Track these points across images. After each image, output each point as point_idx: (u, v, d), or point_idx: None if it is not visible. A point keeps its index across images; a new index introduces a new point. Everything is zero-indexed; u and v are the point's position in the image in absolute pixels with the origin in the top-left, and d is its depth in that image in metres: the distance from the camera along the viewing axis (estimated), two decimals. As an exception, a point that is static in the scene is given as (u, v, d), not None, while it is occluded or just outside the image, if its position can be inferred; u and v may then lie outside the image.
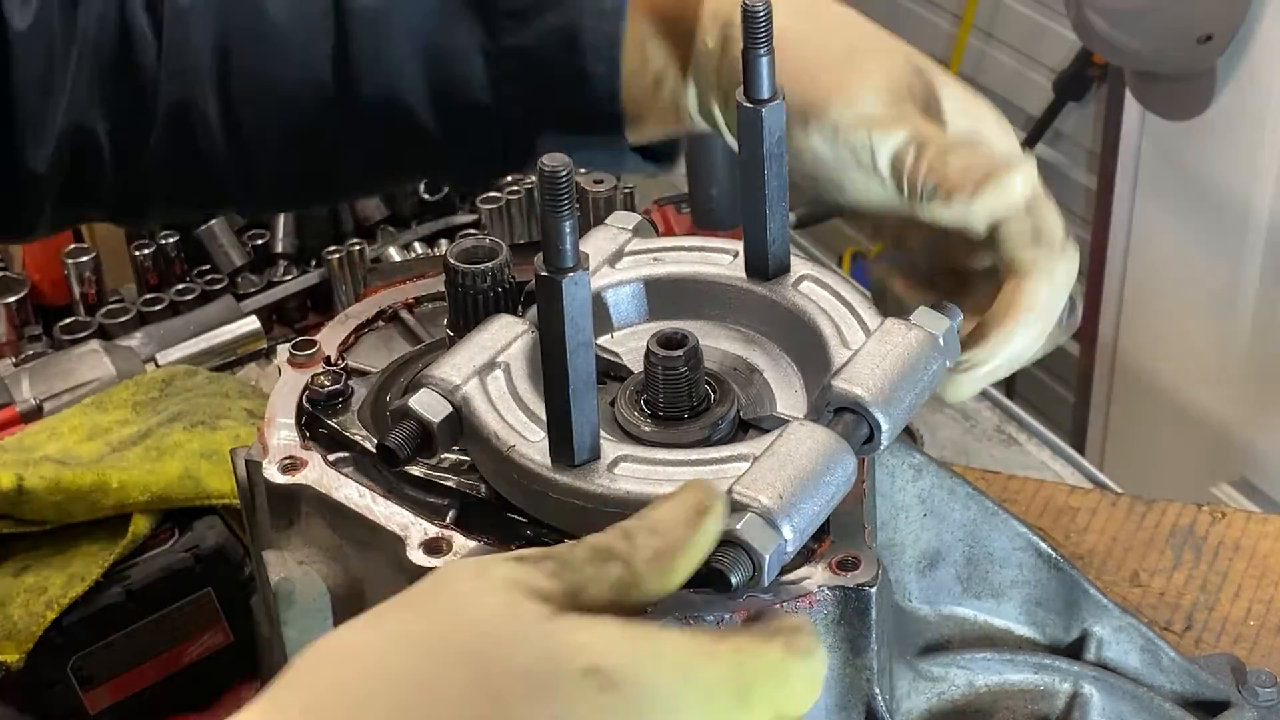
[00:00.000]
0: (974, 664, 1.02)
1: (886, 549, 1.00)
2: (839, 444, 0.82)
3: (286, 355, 1.02)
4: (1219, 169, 2.62)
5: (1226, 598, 1.30)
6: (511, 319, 0.92)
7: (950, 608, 1.05)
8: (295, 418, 0.97)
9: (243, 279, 1.77)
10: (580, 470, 0.85)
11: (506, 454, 0.86)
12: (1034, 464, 1.59)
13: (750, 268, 0.97)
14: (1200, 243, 2.69)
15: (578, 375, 0.83)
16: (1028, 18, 3.04)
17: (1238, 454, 2.72)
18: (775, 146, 0.92)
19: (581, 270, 0.80)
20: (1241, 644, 1.26)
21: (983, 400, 1.68)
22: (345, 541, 0.92)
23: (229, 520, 1.27)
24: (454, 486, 0.92)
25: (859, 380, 0.85)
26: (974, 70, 3.19)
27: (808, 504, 0.80)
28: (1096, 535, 1.36)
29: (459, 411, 0.87)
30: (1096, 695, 1.04)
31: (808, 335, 0.93)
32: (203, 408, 1.33)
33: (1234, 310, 2.65)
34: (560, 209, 0.77)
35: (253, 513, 0.99)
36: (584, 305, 0.81)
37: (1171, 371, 2.82)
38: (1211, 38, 2.48)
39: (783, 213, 0.95)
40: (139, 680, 1.26)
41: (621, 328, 0.98)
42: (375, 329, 1.06)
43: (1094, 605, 1.07)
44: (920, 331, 0.89)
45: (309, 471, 0.93)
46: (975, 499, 1.03)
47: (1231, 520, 1.37)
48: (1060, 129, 3.04)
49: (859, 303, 0.94)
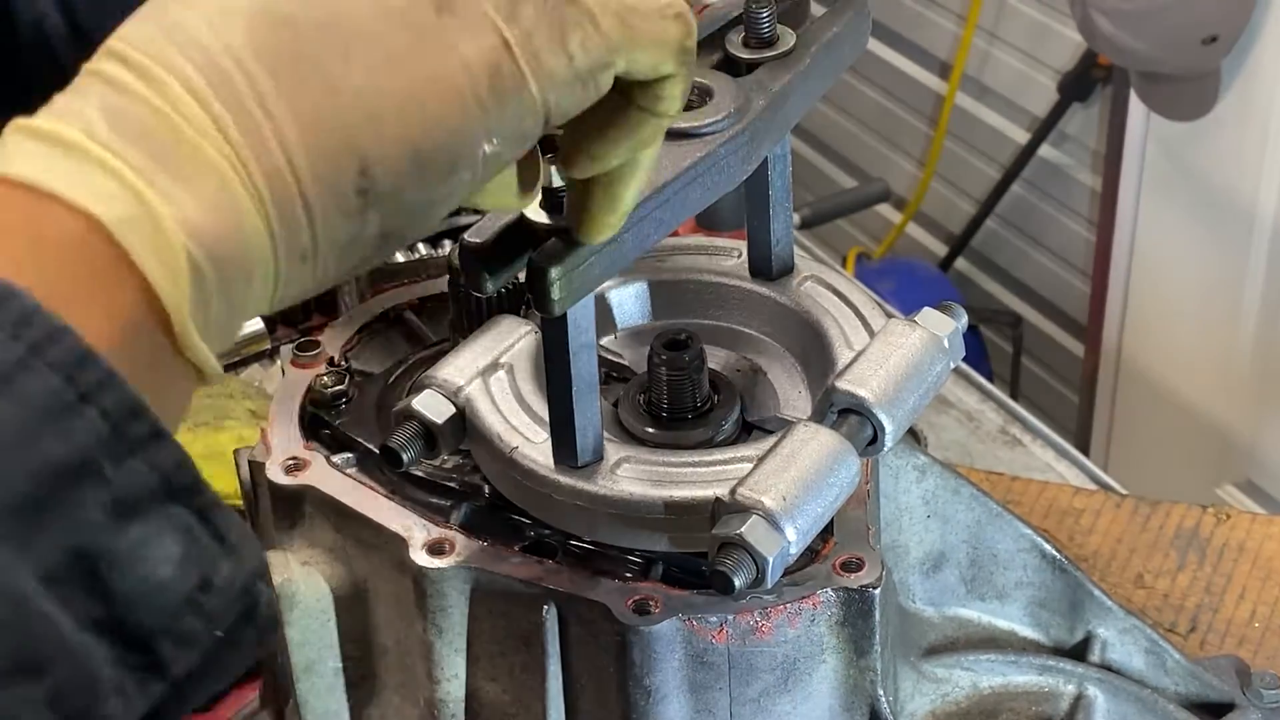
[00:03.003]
0: (978, 666, 1.01)
1: (890, 550, 1.00)
2: (843, 445, 0.82)
3: (290, 356, 1.02)
4: (1224, 170, 2.62)
5: (1231, 599, 1.30)
6: (515, 320, 0.92)
7: (954, 609, 1.05)
8: (299, 419, 0.97)
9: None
10: (583, 472, 0.85)
11: (509, 455, 0.86)
12: (1038, 465, 1.59)
13: (754, 268, 0.97)
14: (1205, 244, 2.69)
15: (580, 377, 0.82)
16: (1032, 18, 3.04)
17: (1242, 455, 2.72)
18: (780, 147, 0.92)
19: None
20: (1246, 646, 1.26)
21: (987, 401, 1.68)
22: (348, 542, 0.92)
23: (232, 521, 1.27)
24: (457, 487, 0.92)
25: (863, 381, 0.85)
26: (979, 71, 3.19)
27: (811, 505, 0.80)
28: (1101, 537, 1.36)
29: (462, 412, 0.87)
30: (1101, 697, 1.04)
31: (811, 336, 0.93)
32: (206, 408, 1.33)
33: (1239, 311, 2.65)
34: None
35: (256, 514, 0.99)
36: (587, 306, 0.81)
37: (1176, 373, 2.82)
38: (1216, 39, 2.48)
39: (786, 213, 0.95)
40: (142, 681, 1.26)
41: (625, 328, 0.98)
42: (379, 330, 1.06)
43: (1098, 607, 1.07)
44: (924, 332, 0.89)
45: (312, 472, 0.93)
46: (979, 500, 1.03)
47: (1236, 522, 1.37)
48: (1065, 130, 3.05)
49: (863, 303, 0.94)
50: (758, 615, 0.84)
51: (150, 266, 0.57)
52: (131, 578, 0.54)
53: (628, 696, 0.85)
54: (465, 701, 0.91)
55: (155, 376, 0.59)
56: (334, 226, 0.63)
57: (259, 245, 0.61)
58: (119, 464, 0.54)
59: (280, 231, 0.61)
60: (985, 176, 3.23)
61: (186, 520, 0.56)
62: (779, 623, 0.85)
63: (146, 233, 0.58)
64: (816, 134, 3.62)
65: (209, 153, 0.60)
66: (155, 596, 0.54)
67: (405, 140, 0.63)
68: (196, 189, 0.59)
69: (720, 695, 0.86)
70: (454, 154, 0.65)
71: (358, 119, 0.62)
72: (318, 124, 0.61)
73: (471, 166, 0.66)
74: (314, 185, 0.61)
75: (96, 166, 0.58)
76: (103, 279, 0.57)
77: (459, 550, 0.88)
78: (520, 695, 0.89)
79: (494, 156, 0.66)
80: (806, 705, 0.88)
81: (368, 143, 0.62)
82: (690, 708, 0.86)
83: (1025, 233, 3.23)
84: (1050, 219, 3.14)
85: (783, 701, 0.87)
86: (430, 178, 0.64)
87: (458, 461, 0.93)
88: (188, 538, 0.55)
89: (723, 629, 0.84)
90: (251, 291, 0.62)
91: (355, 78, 0.62)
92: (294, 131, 0.61)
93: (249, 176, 0.60)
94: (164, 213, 0.58)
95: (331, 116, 0.61)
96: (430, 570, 0.87)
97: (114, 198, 0.57)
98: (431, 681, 0.91)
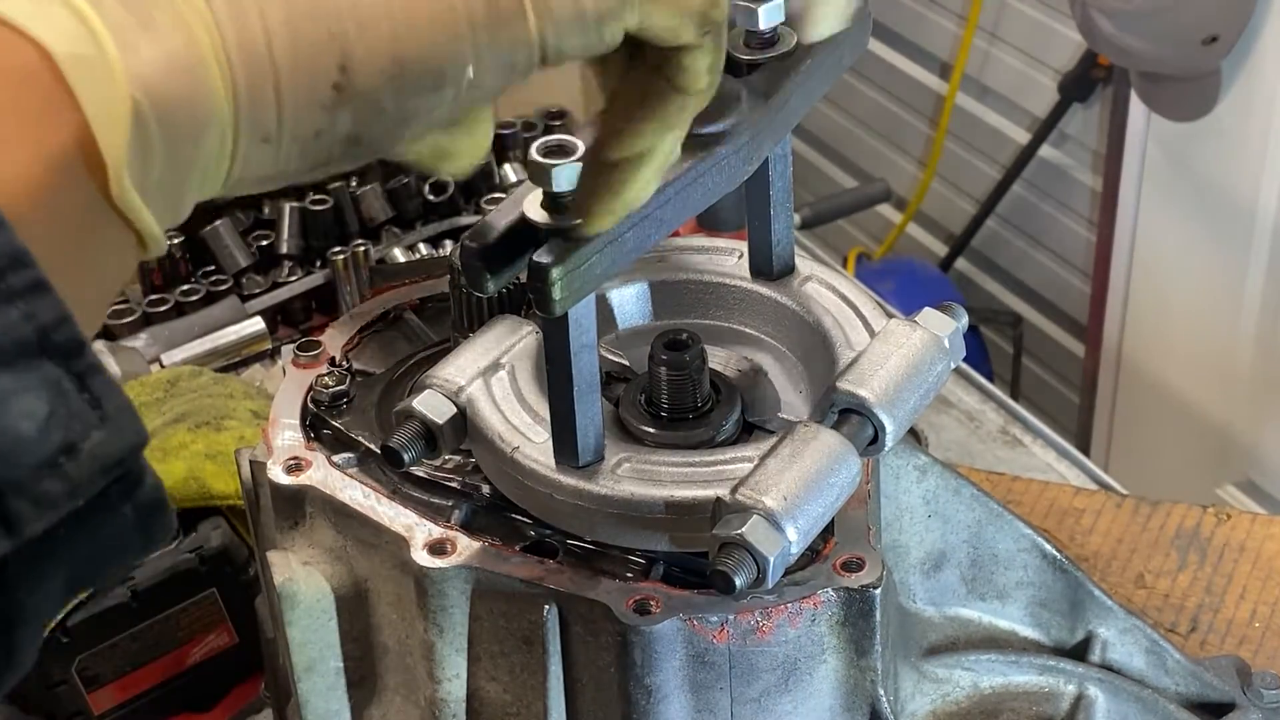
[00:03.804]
0: (979, 665, 1.01)
1: (891, 550, 1.00)
2: (844, 445, 0.82)
3: (291, 356, 1.02)
4: (1224, 170, 2.62)
5: (1231, 599, 1.30)
6: (516, 320, 0.92)
7: (955, 609, 1.05)
8: (300, 419, 0.97)
9: (247, 280, 1.77)
10: (584, 472, 0.85)
11: (510, 455, 0.86)
12: (1039, 465, 1.59)
13: (754, 268, 0.97)
14: (1205, 244, 2.69)
15: (581, 377, 0.83)
16: (1033, 19, 3.04)
17: (1243, 455, 2.72)
18: (780, 147, 0.92)
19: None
20: (1246, 646, 1.26)
21: (987, 401, 1.68)
22: (349, 542, 0.92)
23: (233, 521, 1.27)
24: (458, 487, 0.93)
25: (864, 382, 0.85)
26: (979, 71, 3.19)
27: (812, 505, 0.80)
28: (1101, 537, 1.36)
29: (463, 412, 0.87)
30: (1101, 697, 1.04)
31: (812, 336, 0.93)
32: (208, 409, 1.33)
33: (1239, 312, 2.65)
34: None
35: (257, 514, 0.99)
36: (588, 306, 0.81)
37: (1177, 373, 2.81)
38: (1217, 39, 2.47)
39: (787, 213, 0.95)
40: (144, 681, 1.26)
41: (626, 329, 0.98)
42: (380, 330, 1.06)
43: (1099, 607, 1.07)
44: (925, 333, 0.89)
45: (314, 472, 0.93)
46: (980, 500, 1.03)
47: (1237, 522, 1.37)
48: (1065, 130, 3.04)
49: (864, 304, 0.94)
50: (758, 615, 0.84)
51: (91, 108, 0.57)
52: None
53: (628, 696, 0.85)
54: (466, 701, 0.91)
55: (85, 226, 0.58)
56: (302, 116, 0.62)
57: (215, 111, 0.60)
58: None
59: (246, 107, 0.61)
60: (986, 176, 3.23)
61: (58, 379, 0.53)
62: (780, 623, 0.85)
63: (95, 74, 0.57)
64: (817, 134, 3.62)
65: (184, 8, 0.59)
66: (12, 451, 0.52)
67: (390, 46, 0.62)
68: (159, 42, 0.58)
69: (721, 695, 0.86)
70: (438, 70, 0.64)
71: (346, 14, 0.61)
72: (306, 9, 0.61)
73: (454, 86, 0.65)
74: (289, 69, 0.61)
75: (62, 3, 0.57)
76: (42, 114, 0.56)
77: (460, 550, 0.88)
78: (521, 695, 0.89)
79: (478, 83, 0.65)
80: (807, 705, 0.88)
81: (353, 40, 0.62)
82: (691, 707, 0.86)
83: (1026, 233, 3.23)
84: (1050, 219, 3.14)
85: (783, 701, 0.87)
86: (409, 88, 0.64)
87: (458, 461, 0.93)
88: (56, 397, 0.53)
89: (723, 629, 0.84)
90: (200, 155, 0.61)
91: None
92: (280, 12, 0.60)
93: (223, 44, 0.60)
94: (116, 57, 0.57)
95: (322, 7, 0.61)
96: (431, 570, 0.87)
97: (71, 35, 0.57)
98: (432, 681, 0.91)
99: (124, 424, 0.55)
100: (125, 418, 0.55)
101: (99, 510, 0.55)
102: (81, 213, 0.58)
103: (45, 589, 0.55)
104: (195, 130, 0.60)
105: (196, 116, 0.60)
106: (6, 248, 0.53)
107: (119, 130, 0.57)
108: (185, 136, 0.60)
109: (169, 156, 0.60)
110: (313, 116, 0.62)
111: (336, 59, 0.62)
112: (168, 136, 0.59)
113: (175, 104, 0.59)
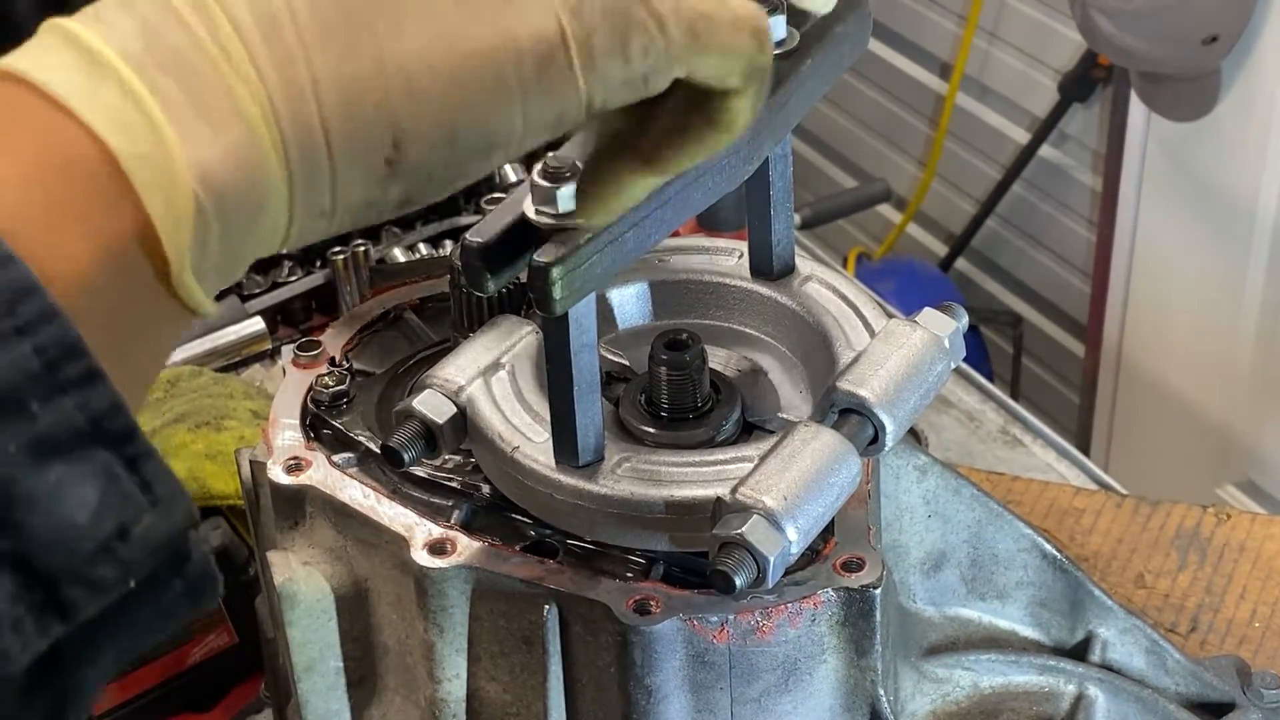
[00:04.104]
0: (979, 665, 1.01)
1: (891, 550, 1.00)
2: (844, 445, 0.82)
3: (291, 356, 1.02)
4: (1224, 170, 2.62)
5: (1232, 599, 1.30)
6: (516, 320, 0.92)
7: (955, 609, 1.05)
8: (300, 419, 0.97)
9: (247, 280, 1.76)
10: (584, 472, 0.85)
11: (510, 455, 0.86)
12: (1039, 465, 1.59)
13: (755, 268, 0.97)
14: (1205, 244, 2.69)
15: (581, 377, 0.83)
16: (1033, 19, 3.04)
17: (1243, 455, 2.72)
18: (781, 147, 0.92)
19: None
20: (1247, 646, 1.26)
21: (987, 401, 1.68)
22: (349, 542, 0.92)
23: (233, 521, 1.27)
24: (458, 487, 0.93)
25: (864, 382, 0.85)
26: (979, 71, 3.19)
27: (812, 505, 0.80)
28: (1101, 537, 1.36)
29: (463, 412, 0.87)
30: (1101, 697, 1.04)
31: (812, 336, 0.93)
32: (207, 408, 1.33)
33: (1239, 312, 2.65)
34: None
35: (257, 514, 0.99)
36: (588, 306, 0.81)
37: (1177, 373, 2.81)
38: (1217, 39, 2.47)
39: (787, 213, 0.95)
40: (143, 680, 1.26)
41: (626, 329, 0.98)
42: (380, 330, 1.06)
43: (1099, 607, 1.07)
44: (925, 333, 0.89)
45: (313, 472, 0.93)
46: (980, 500, 1.03)
47: (1237, 522, 1.37)
48: (1065, 130, 3.04)
49: (864, 304, 0.94)
50: (758, 615, 0.84)
51: (155, 207, 0.57)
52: (44, 517, 0.52)
53: (629, 696, 0.85)
54: (466, 701, 0.91)
55: (140, 311, 0.58)
56: (356, 191, 0.62)
57: (273, 197, 0.60)
58: (46, 402, 0.53)
59: (302, 189, 0.61)
60: (986, 176, 3.23)
61: (111, 466, 0.54)
62: (780, 622, 0.85)
63: (157, 171, 0.57)
64: (817, 134, 3.62)
65: (242, 96, 0.59)
66: (67, 539, 0.53)
67: (443, 119, 0.62)
68: (219, 131, 0.58)
69: (721, 695, 0.86)
70: (489, 137, 0.64)
71: (399, 92, 0.61)
72: (359, 91, 0.60)
73: (505, 147, 0.65)
74: (343, 151, 0.61)
75: (121, 90, 0.57)
76: (99, 206, 0.56)
77: (460, 550, 0.88)
78: (521, 695, 0.89)
79: (525, 142, 0.65)
80: (807, 705, 0.88)
81: (405, 117, 0.61)
82: (691, 707, 0.86)
83: (1026, 233, 3.22)
84: (1050, 219, 3.14)
85: (783, 701, 0.87)
86: (461, 156, 0.64)
87: (458, 461, 0.93)
88: (109, 484, 0.54)
89: (723, 629, 0.84)
90: (255, 236, 0.61)
91: (404, 51, 0.61)
92: (334, 94, 0.60)
93: (279, 129, 0.59)
94: (179, 153, 0.57)
95: (374, 85, 0.61)
96: (431, 570, 0.87)
97: (131, 127, 0.56)
98: (432, 681, 0.91)
99: (174, 506, 0.56)
100: (177, 500, 0.56)
101: (150, 588, 0.56)
102: (138, 300, 0.58)
103: (99, 663, 0.56)
104: (253, 215, 0.60)
105: (254, 202, 0.60)
106: (61, 339, 0.53)
107: (182, 228, 0.57)
108: (244, 224, 0.60)
109: (225, 240, 0.60)
110: (367, 191, 0.62)
111: (390, 137, 0.61)
112: (225, 224, 0.59)
113: (235, 195, 0.59)
